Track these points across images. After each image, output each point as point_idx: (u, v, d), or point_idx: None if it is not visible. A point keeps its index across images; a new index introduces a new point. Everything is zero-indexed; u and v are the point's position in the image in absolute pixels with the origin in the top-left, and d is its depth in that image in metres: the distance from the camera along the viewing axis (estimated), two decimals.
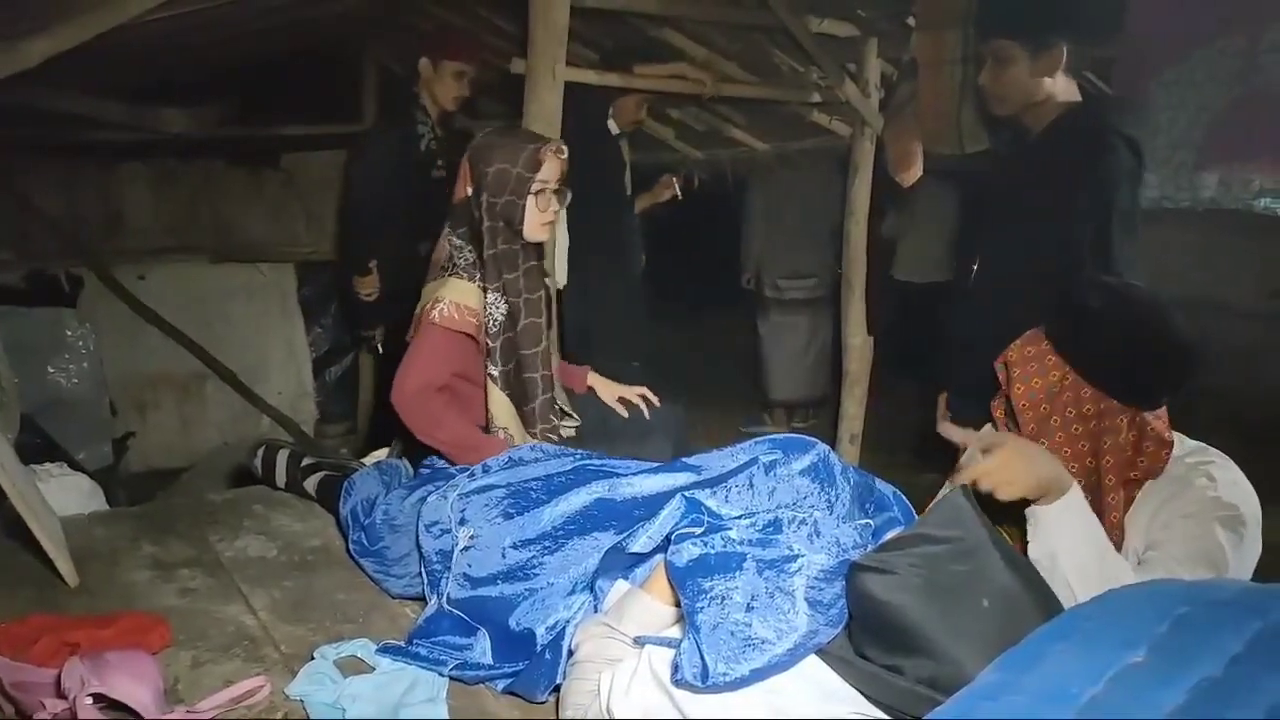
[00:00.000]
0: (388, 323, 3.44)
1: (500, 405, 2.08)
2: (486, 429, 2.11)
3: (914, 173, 3.39)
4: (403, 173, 3.31)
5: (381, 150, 3.35)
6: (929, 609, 1.15)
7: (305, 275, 5.18)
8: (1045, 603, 1.21)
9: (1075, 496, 1.40)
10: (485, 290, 2.06)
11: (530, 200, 2.04)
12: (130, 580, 1.95)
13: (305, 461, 2.39)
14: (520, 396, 2.13)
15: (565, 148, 2.11)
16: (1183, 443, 1.53)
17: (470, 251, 2.09)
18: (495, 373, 2.07)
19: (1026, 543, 1.44)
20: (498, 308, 2.06)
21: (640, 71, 3.45)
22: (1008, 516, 1.48)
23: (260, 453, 2.44)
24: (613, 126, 3.82)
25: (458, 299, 2.06)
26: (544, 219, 2.07)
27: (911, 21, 3.19)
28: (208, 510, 2.36)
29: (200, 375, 4.96)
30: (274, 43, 3.90)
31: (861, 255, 3.62)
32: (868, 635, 1.21)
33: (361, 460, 2.46)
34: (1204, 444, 1.53)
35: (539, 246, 2.14)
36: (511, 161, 2.03)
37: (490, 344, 2.06)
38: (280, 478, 2.39)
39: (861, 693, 1.18)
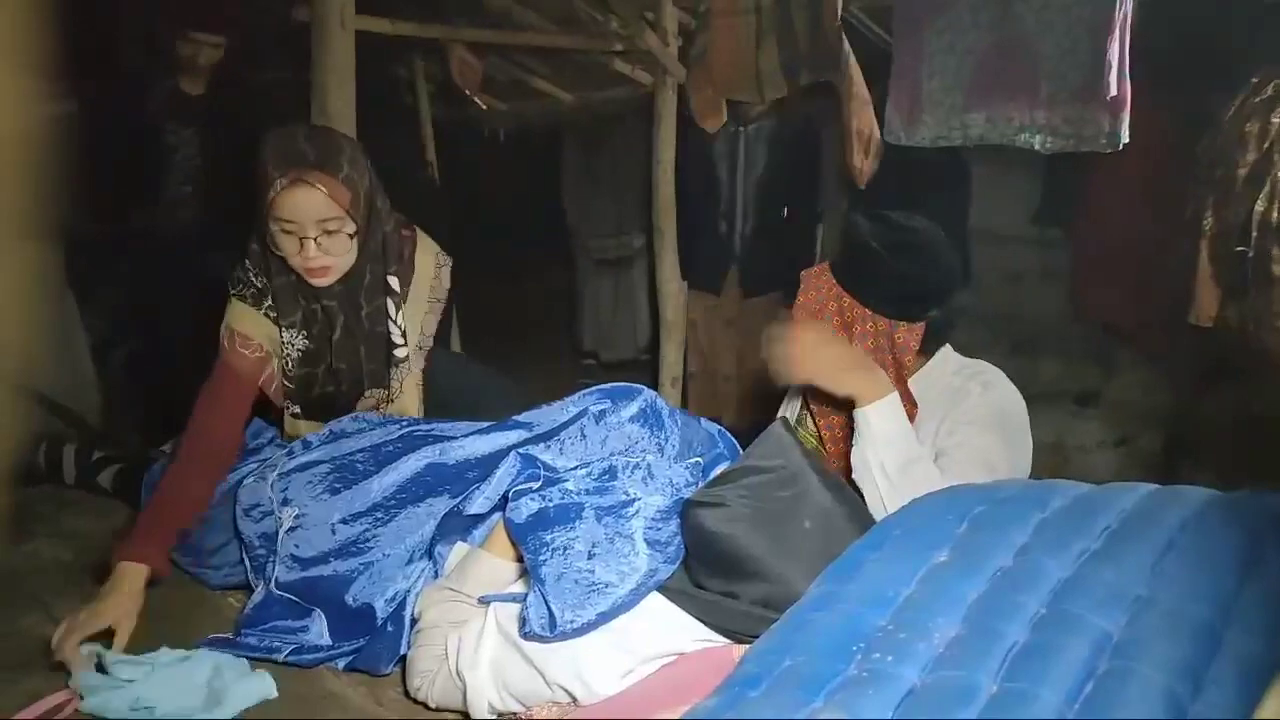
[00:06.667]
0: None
1: (305, 430, 1.79)
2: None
3: (716, 119, 3.48)
4: (138, 138, 3.17)
5: (110, 113, 3.14)
6: (758, 535, 1.23)
7: (75, 250, 4.66)
8: (859, 517, 1.32)
9: (892, 402, 1.54)
10: (279, 324, 1.72)
11: (281, 238, 1.61)
12: None
13: (96, 455, 2.20)
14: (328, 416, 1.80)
15: (325, 179, 1.55)
16: (956, 358, 1.69)
17: (258, 277, 1.71)
18: (297, 410, 1.79)
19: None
20: (293, 344, 1.74)
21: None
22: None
23: (42, 449, 2.23)
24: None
25: (237, 326, 1.73)
26: (301, 263, 1.61)
27: None
28: None
29: None
30: None
31: (670, 203, 3.69)
32: (704, 566, 1.27)
33: (160, 448, 2.29)
34: (975, 359, 1.70)
35: (356, 285, 1.68)
36: (261, 187, 1.57)
37: (286, 383, 1.76)
38: (68, 474, 2.20)
39: (702, 621, 1.25)
